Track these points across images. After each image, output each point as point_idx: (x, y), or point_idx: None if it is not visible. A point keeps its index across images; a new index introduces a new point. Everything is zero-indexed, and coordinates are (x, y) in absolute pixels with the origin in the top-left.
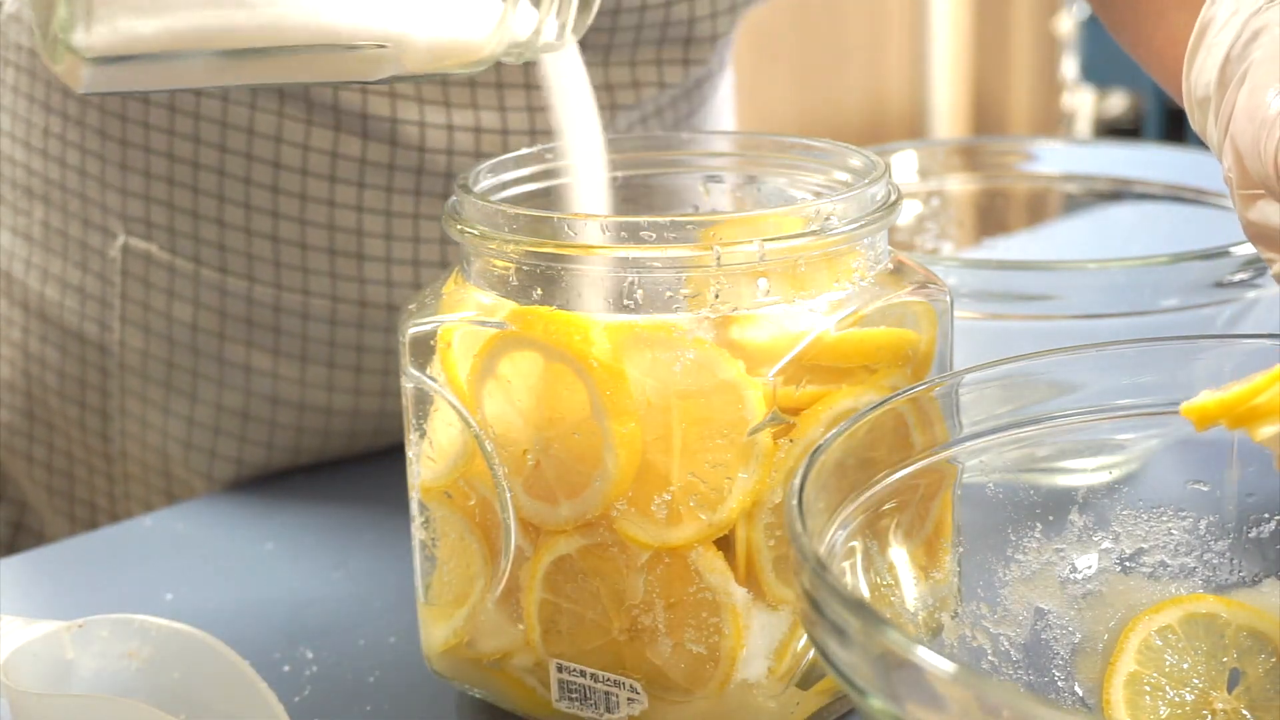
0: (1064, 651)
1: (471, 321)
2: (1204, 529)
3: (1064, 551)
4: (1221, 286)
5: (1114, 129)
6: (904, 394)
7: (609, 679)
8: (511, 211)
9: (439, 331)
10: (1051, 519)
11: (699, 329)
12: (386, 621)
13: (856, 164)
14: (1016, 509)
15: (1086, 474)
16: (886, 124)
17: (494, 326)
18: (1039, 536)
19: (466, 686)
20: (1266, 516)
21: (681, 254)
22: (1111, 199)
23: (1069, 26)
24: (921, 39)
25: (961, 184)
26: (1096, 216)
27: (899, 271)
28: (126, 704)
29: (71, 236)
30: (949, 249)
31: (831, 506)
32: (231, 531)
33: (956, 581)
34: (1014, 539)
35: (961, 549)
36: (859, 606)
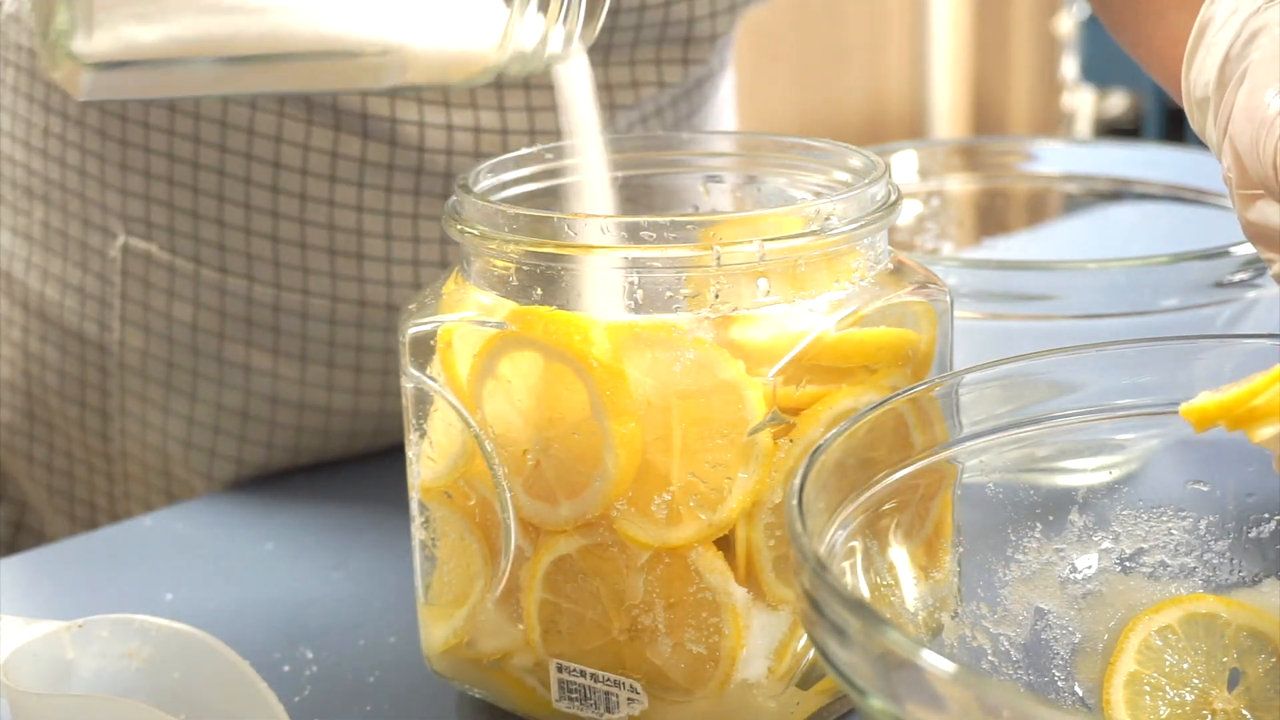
0: (1064, 651)
1: (471, 321)
2: (1204, 529)
3: (1064, 551)
4: (1221, 286)
5: (1114, 129)
6: (904, 394)
7: (609, 679)
8: (511, 211)
9: (439, 331)
10: (1051, 519)
11: (699, 329)
12: (386, 621)
13: (856, 164)
14: (1016, 509)
15: (1086, 474)
16: (886, 124)
17: (494, 326)
18: (1039, 536)
19: (466, 686)
20: (1266, 516)
21: (681, 254)
22: (1111, 199)
23: (1069, 26)
24: (921, 39)
25: (961, 184)
26: (1096, 216)
27: (899, 271)
28: (126, 704)
29: (71, 236)
30: (949, 249)
31: (831, 506)
32: (231, 531)
33: (956, 581)
34: (1014, 539)
35: (961, 549)
36: (859, 606)
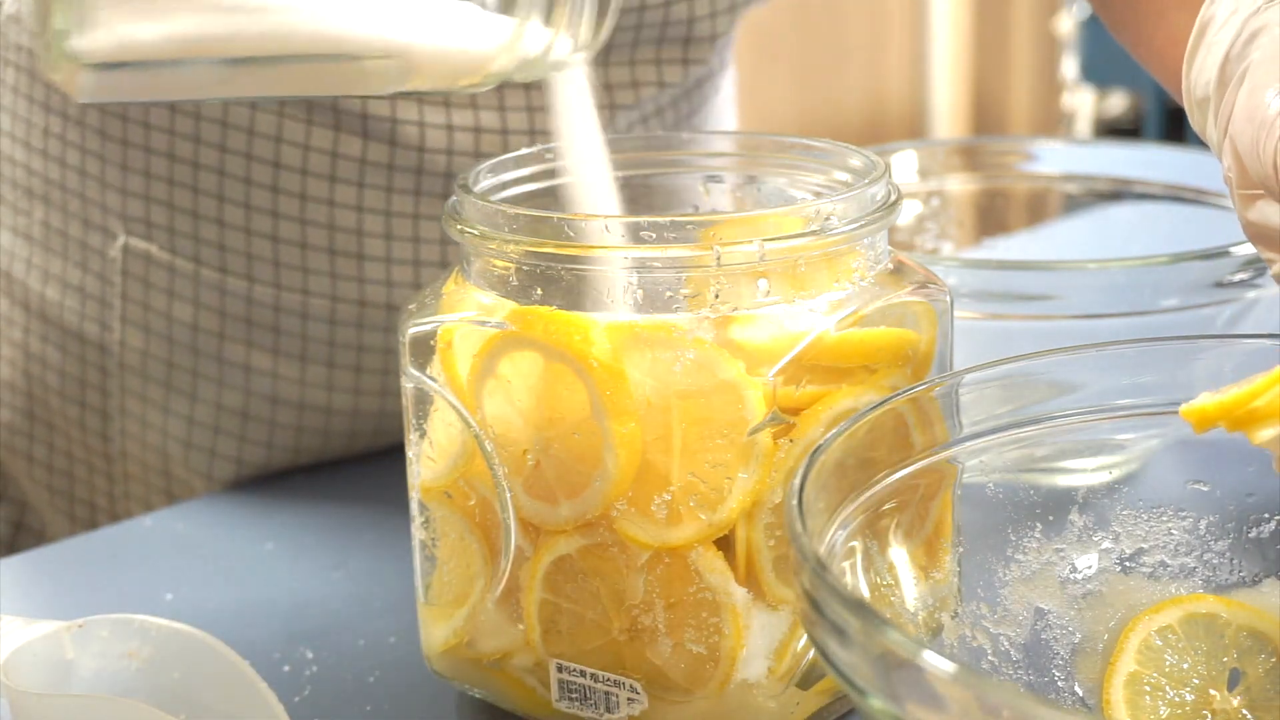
0: (1064, 651)
1: (471, 321)
2: (1204, 529)
3: (1064, 551)
4: (1221, 286)
5: (1114, 129)
6: (904, 394)
7: (609, 679)
8: (511, 211)
9: (439, 331)
10: (1051, 519)
11: (699, 329)
12: (386, 621)
13: (856, 164)
14: (1016, 509)
15: (1086, 474)
16: (886, 124)
17: (494, 326)
18: (1039, 536)
19: (466, 686)
20: (1266, 516)
21: (681, 254)
22: (1111, 199)
23: (1069, 26)
24: (921, 39)
25: (961, 184)
26: (1096, 216)
27: (899, 271)
28: (126, 704)
29: (72, 236)
30: (949, 249)
31: (831, 506)
32: (231, 531)
33: (956, 581)
34: (1014, 539)
35: (961, 549)
36: (859, 606)
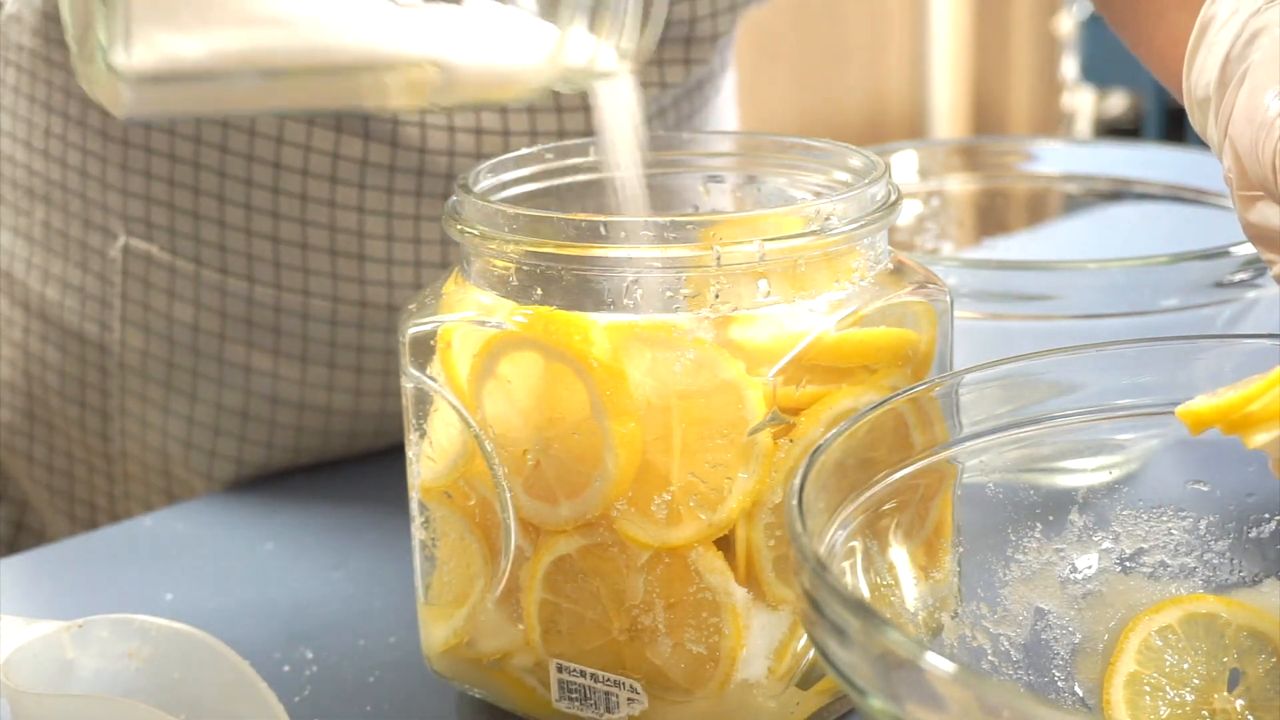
0: (1064, 651)
1: (471, 321)
2: (1204, 529)
3: (1064, 551)
4: (1221, 286)
5: (1114, 129)
6: (904, 394)
7: (609, 679)
8: (511, 211)
9: (439, 331)
10: (1051, 519)
11: (699, 329)
12: (386, 621)
13: (856, 164)
14: (1016, 509)
15: (1086, 474)
16: (886, 124)
17: (494, 326)
18: (1039, 536)
19: (466, 686)
20: (1266, 516)
21: (681, 254)
22: (1111, 199)
23: (1069, 26)
24: (921, 39)
25: (961, 184)
26: (1096, 216)
27: (899, 271)
28: (126, 704)
29: (72, 237)
30: (949, 249)
31: (831, 506)
32: (231, 531)
33: (956, 581)
34: (1014, 539)
35: (961, 549)
36: (859, 606)
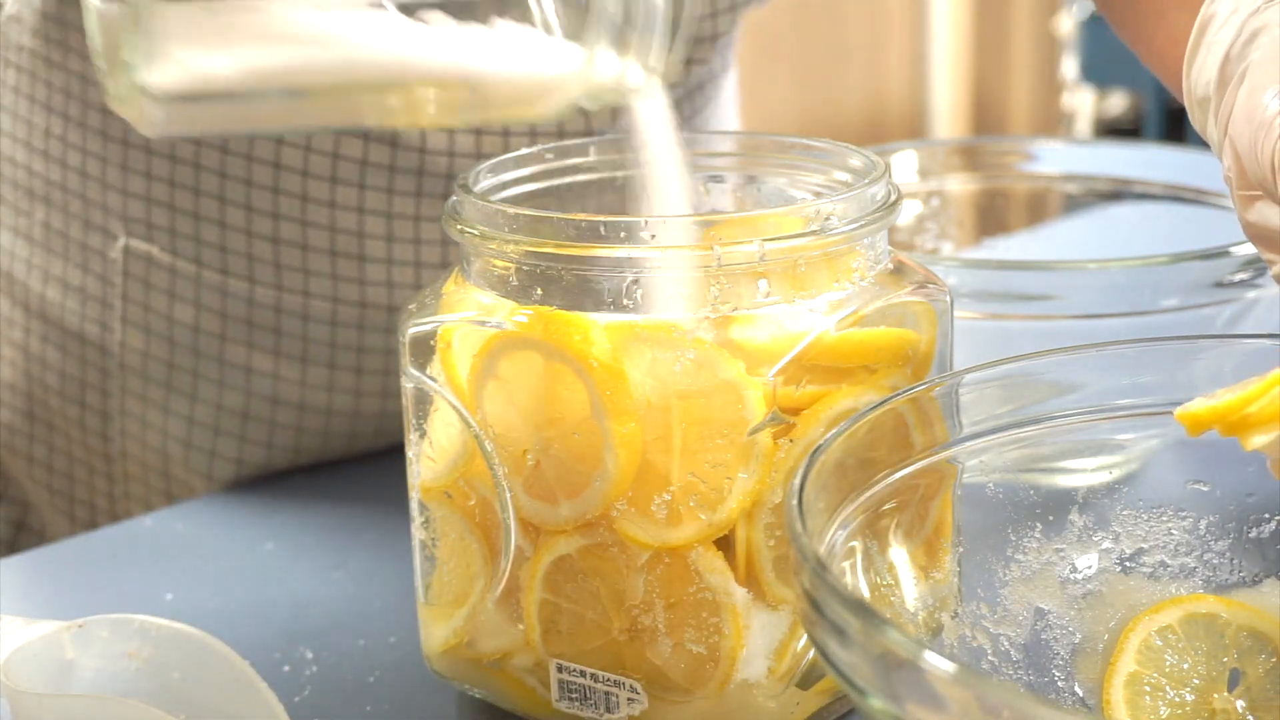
0: (1064, 651)
1: (471, 321)
2: (1204, 529)
3: (1064, 551)
4: (1221, 286)
5: (1114, 129)
6: (904, 394)
7: (609, 679)
8: (511, 211)
9: (439, 331)
10: (1051, 519)
11: (699, 329)
12: (386, 621)
13: (856, 164)
14: (1016, 509)
15: (1086, 474)
16: (886, 124)
17: (494, 326)
18: (1039, 536)
19: (466, 686)
20: (1266, 516)
21: (681, 254)
22: (1111, 199)
23: (1069, 26)
24: (921, 39)
25: (961, 184)
26: (1096, 216)
27: (899, 271)
28: (126, 704)
29: (72, 238)
30: (949, 249)
31: (831, 506)
32: (231, 531)
33: (956, 581)
34: (1014, 539)
35: (961, 549)
36: (859, 606)
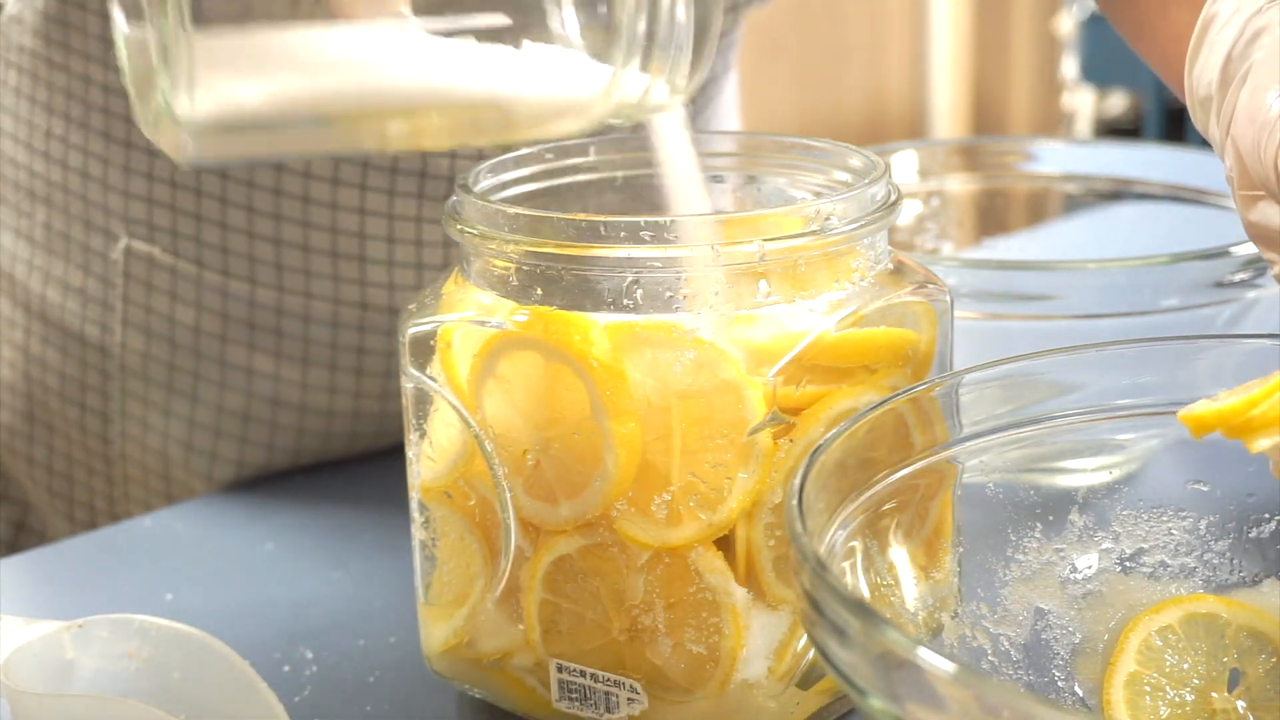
0: (1064, 651)
1: (471, 321)
2: (1204, 529)
3: (1064, 551)
4: (1221, 286)
5: (1114, 129)
6: (904, 394)
7: (609, 679)
8: (511, 211)
9: (439, 331)
10: (1051, 519)
11: (699, 329)
12: (386, 621)
13: (856, 164)
14: (1016, 509)
15: (1086, 474)
16: (886, 124)
17: (494, 326)
18: (1039, 536)
19: (466, 686)
20: (1266, 516)
21: (681, 254)
22: (1111, 199)
23: (1069, 26)
24: (921, 39)
25: (961, 184)
26: (1096, 216)
27: (899, 271)
28: (126, 704)
29: (73, 239)
30: (949, 249)
31: (831, 506)
32: (231, 531)
33: (956, 581)
34: (1014, 539)
35: (961, 549)
36: (859, 606)
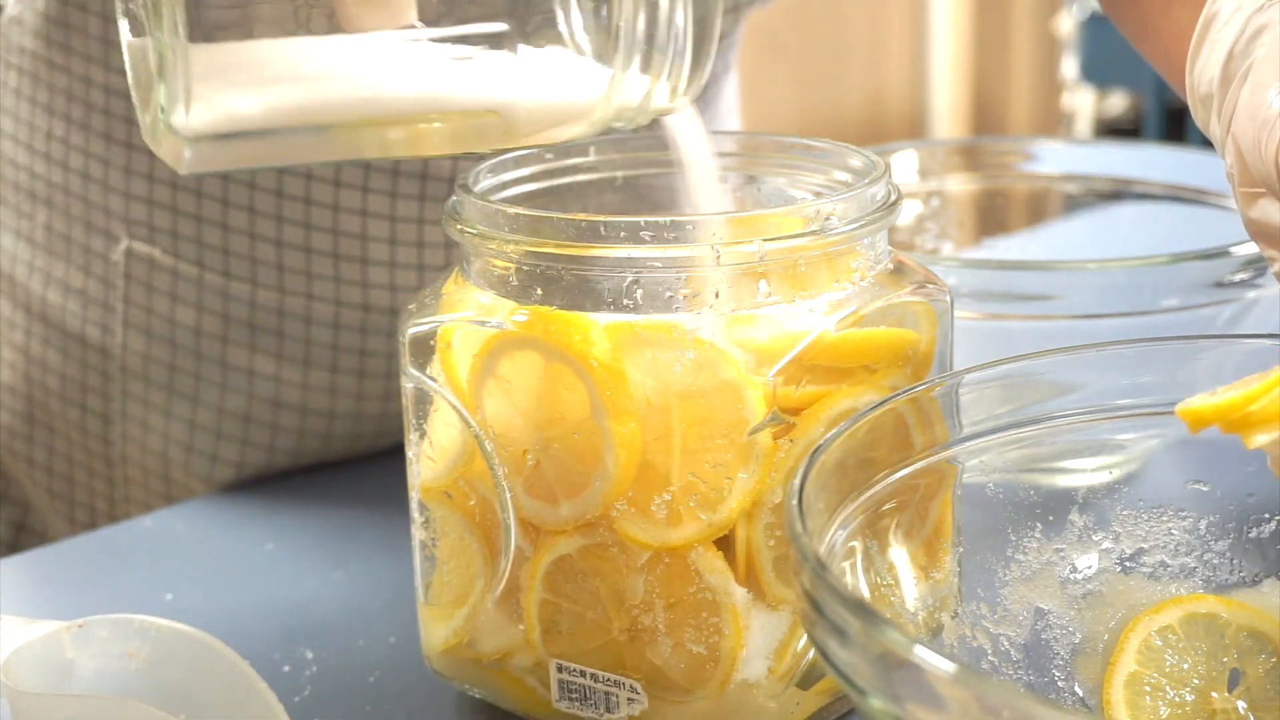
0: (1064, 651)
1: (471, 321)
2: (1204, 529)
3: (1064, 551)
4: (1221, 286)
5: (1114, 129)
6: (904, 394)
7: (609, 679)
8: (511, 211)
9: (439, 331)
10: (1051, 519)
11: (699, 329)
12: (386, 621)
13: (856, 164)
14: (1016, 509)
15: (1086, 474)
16: (886, 124)
17: (494, 326)
18: (1039, 536)
19: (466, 686)
20: (1266, 516)
21: (681, 254)
22: (1111, 199)
23: (1069, 26)
24: (921, 39)
25: (961, 184)
26: (1096, 216)
27: (899, 271)
28: (126, 704)
29: (74, 240)
30: (949, 249)
31: (831, 506)
32: (231, 531)
33: (956, 581)
34: (1014, 539)
35: (961, 549)
36: (859, 606)
